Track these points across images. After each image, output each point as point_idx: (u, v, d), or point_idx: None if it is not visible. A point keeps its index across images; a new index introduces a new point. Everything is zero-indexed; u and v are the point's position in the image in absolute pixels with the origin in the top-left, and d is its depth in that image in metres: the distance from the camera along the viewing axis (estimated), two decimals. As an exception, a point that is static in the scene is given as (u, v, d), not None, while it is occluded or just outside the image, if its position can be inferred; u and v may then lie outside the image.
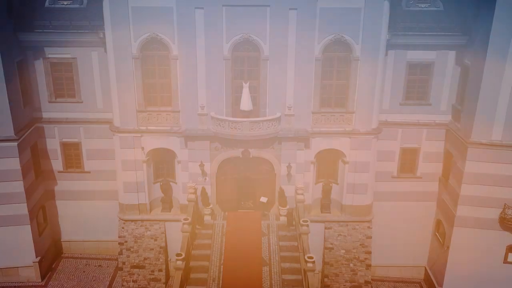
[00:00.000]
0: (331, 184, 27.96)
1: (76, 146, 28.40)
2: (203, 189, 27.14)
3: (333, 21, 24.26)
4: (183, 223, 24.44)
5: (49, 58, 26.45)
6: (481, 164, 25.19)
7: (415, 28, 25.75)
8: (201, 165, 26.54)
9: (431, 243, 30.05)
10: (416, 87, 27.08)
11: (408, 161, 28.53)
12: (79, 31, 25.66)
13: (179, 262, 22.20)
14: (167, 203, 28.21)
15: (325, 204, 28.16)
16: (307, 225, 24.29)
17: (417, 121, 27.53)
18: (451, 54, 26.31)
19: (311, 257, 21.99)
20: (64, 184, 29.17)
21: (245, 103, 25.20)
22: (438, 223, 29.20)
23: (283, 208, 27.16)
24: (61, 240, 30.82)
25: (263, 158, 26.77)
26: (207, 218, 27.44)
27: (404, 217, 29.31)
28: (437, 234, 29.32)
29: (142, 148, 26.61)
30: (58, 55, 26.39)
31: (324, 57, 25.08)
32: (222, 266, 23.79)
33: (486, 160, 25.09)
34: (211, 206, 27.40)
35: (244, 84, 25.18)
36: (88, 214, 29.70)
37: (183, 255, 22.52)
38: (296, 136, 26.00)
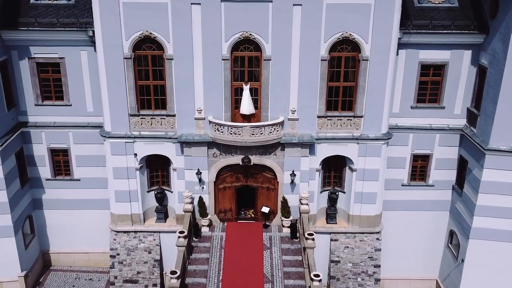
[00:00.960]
0: (337, 193, 26.22)
1: (65, 152, 26.79)
2: (200, 199, 25.44)
3: (341, 18, 22.54)
4: (179, 237, 22.67)
5: (35, 58, 24.73)
6: (500, 173, 23.66)
7: (428, 26, 24.05)
8: (198, 173, 24.77)
9: (444, 255, 28.50)
10: (429, 89, 25.45)
11: (419, 168, 27.02)
12: (66, 29, 23.90)
13: (173, 281, 20.41)
14: (162, 213, 26.44)
15: (331, 214, 26.42)
16: (313, 239, 22.53)
17: (429, 126, 25.93)
18: (467, 54, 24.65)
19: (317, 275, 20.22)
20: (52, 192, 27.56)
21: (246, 107, 23.66)
22: (451, 234, 27.62)
23: (287, 219, 25.41)
24: (50, 251, 29.19)
25: (264, 165, 25.06)
26: (204, 230, 25.69)
27: (415, 227, 27.84)
28: (450, 246, 27.75)
29: (135, 155, 24.95)
30: (45, 55, 24.67)
31: (330, 57, 23.38)
32: (220, 283, 22.08)
33: (505, 168, 23.54)
34: (209, 217, 25.65)
35: (244, 86, 23.61)
36: (78, 224, 28.15)
37: (178, 273, 20.74)
38: (300, 142, 24.27)
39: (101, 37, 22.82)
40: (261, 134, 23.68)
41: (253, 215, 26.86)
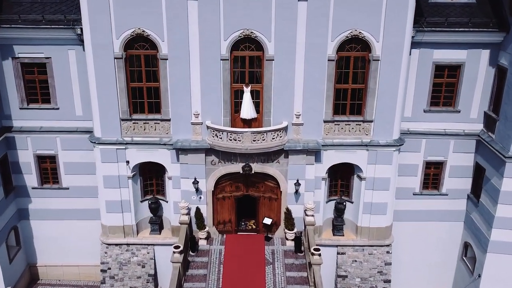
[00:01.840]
0: (344, 203, 24.46)
1: (52, 159, 25.06)
2: (198, 210, 23.69)
3: (350, 15, 20.81)
4: (174, 252, 20.88)
5: (19, 58, 22.95)
6: (522, 182, 21.83)
7: (444, 23, 22.31)
8: (195, 182, 23.01)
9: (457, 268, 26.90)
10: (443, 91, 23.78)
11: (432, 176, 25.42)
12: (53, 26, 22.10)
13: (167, 302, 18.65)
14: (156, 224, 24.69)
15: (338, 225, 24.67)
16: (320, 254, 20.71)
17: (444, 131, 24.26)
18: (484, 53, 22.94)
19: (325, 296, 18.47)
20: (39, 202, 25.83)
21: (246, 111, 22.01)
22: (466, 247, 25.95)
23: (290, 232, 23.63)
24: (37, 265, 27.45)
25: (267, 173, 23.28)
26: (202, 243, 23.91)
27: (427, 239, 26.26)
28: (464, 259, 26.14)
29: (127, 162, 23.21)
30: (30, 55, 22.89)
31: (338, 56, 21.67)
32: (219, 303, 20.32)
33: (528, 177, 21.74)
34: (206, 229, 23.88)
35: (245, 88, 21.89)
36: (67, 236, 26.47)
37: (173, 293, 18.98)
38: (305, 149, 22.53)
39: (90, 35, 21.13)
40: (263, 140, 21.95)
41: (254, 226, 25.10)
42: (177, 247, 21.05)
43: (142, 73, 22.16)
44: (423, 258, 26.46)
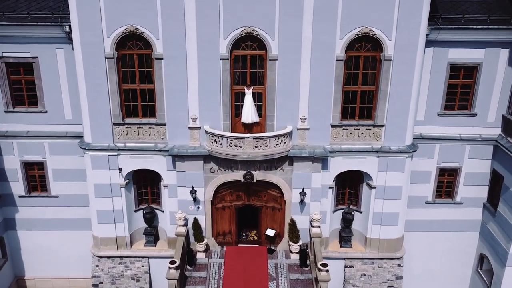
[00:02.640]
0: (353, 213, 22.88)
1: (40, 165, 23.52)
2: (195, 220, 22.11)
3: (360, 11, 19.28)
4: (169, 268, 19.28)
5: (3, 57, 21.39)
6: (546, 191, 20.26)
7: (460, 20, 20.73)
8: (193, 192, 21.43)
9: (472, 281, 25.41)
10: (459, 93, 22.25)
11: (446, 184, 23.92)
12: (39, 23, 20.51)
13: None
14: (151, 235, 23.09)
15: (346, 237, 23.08)
16: (327, 270, 19.15)
17: (459, 136, 22.74)
18: (503, 53, 21.40)
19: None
20: (26, 211, 24.30)
21: (248, 114, 20.47)
22: (482, 259, 24.42)
23: (295, 244, 22.02)
24: (25, 277, 25.91)
25: (270, 182, 21.67)
26: (200, 256, 22.33)
27: (440, 250, 24.82)
28: (480, 271, 24.61)
29: (120, 170, 21.61)
30: (15, 54, 21.32)
31: (347, 56, 20.12)
32: (218, 324, 18.72)
33: (551, 186, 20.17)
34: (205, 241, 22.27)
35: (246, 90, 20.33)
36: (57, 247, 25.03)
37: (168, 314, 17.38)
38: (311, 156, 20.95)
39: (79, 33, 19.59)
40: (266, 146, 20.36)
41: (256, 238, 23.54)
42: (173, 262, 19.47)
43: (135, 74, 20.63)
44: (435, 270, 25.01)
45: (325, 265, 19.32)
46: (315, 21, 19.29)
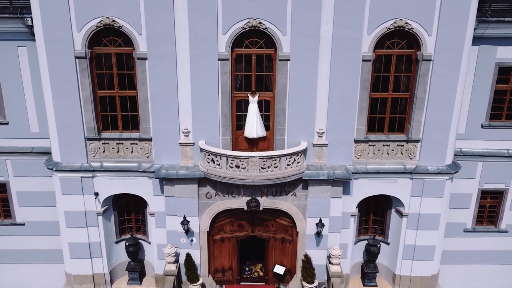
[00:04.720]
0: (378, 245, 19.07)
1: (2, 187, 19.98)
2: (188, 256, 18.29)
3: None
4: (155, 321, 15.45)
5: (-46, 58, 17.66)
6: None
7: (512, 12, 16.94)
8: (185, 223, 17.60)
9: (517, 323, 21.39)
10: (507, 100, 18.65)
11: (488, 209, 20.58)
12: (-5, 16, 16.83)
13: None
14: (135, 272, 19.29)
15: (370, 273, 19.29)
16: (352, 325, 15.28)
17: (506, 152, 19.28)
18: None
19: None
20: (-12, 241, 20.65)
21: (253, 127, 16.81)
22: (531, 297, 20.55)
23: (310, 285, 18.13)
24: (-10, 318, 21.97)
25: (279, 209, 17.85)
26: (194, 298, 18.46)
27: (481, 286, 20.98)
28: (528, 312, 20.66)
29: (96, 194, 17.82)
30: (-32, 53, 17.72)
31: (376, 56, 16.37)
32: None
33: None
34: (200, 281, 18.37)
35: (250, 98, 16.66)
36: (26, 282, 21.04)
37: None
38: (331, 179, 17.10)
39: (42, 27, 15.78)
40: (276, 167, 16.53)
41: (261, 273, 19.75)
42: (159, 314, 15.61)
43: (113, 77, 16.84)
44: (475, 310, 21.33)
45: (349, 317, 15.50)
46: (337, 12, 15.50)
